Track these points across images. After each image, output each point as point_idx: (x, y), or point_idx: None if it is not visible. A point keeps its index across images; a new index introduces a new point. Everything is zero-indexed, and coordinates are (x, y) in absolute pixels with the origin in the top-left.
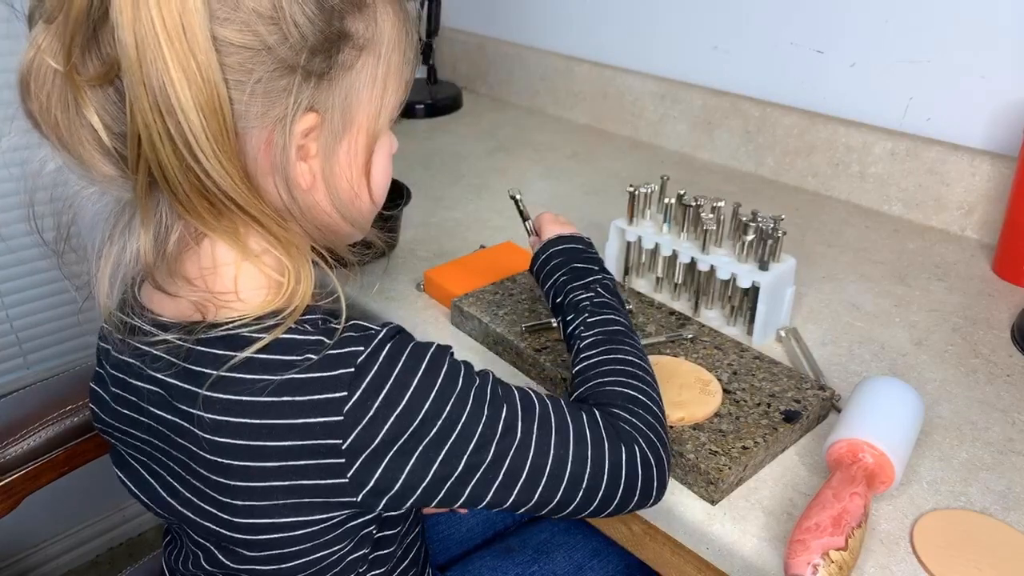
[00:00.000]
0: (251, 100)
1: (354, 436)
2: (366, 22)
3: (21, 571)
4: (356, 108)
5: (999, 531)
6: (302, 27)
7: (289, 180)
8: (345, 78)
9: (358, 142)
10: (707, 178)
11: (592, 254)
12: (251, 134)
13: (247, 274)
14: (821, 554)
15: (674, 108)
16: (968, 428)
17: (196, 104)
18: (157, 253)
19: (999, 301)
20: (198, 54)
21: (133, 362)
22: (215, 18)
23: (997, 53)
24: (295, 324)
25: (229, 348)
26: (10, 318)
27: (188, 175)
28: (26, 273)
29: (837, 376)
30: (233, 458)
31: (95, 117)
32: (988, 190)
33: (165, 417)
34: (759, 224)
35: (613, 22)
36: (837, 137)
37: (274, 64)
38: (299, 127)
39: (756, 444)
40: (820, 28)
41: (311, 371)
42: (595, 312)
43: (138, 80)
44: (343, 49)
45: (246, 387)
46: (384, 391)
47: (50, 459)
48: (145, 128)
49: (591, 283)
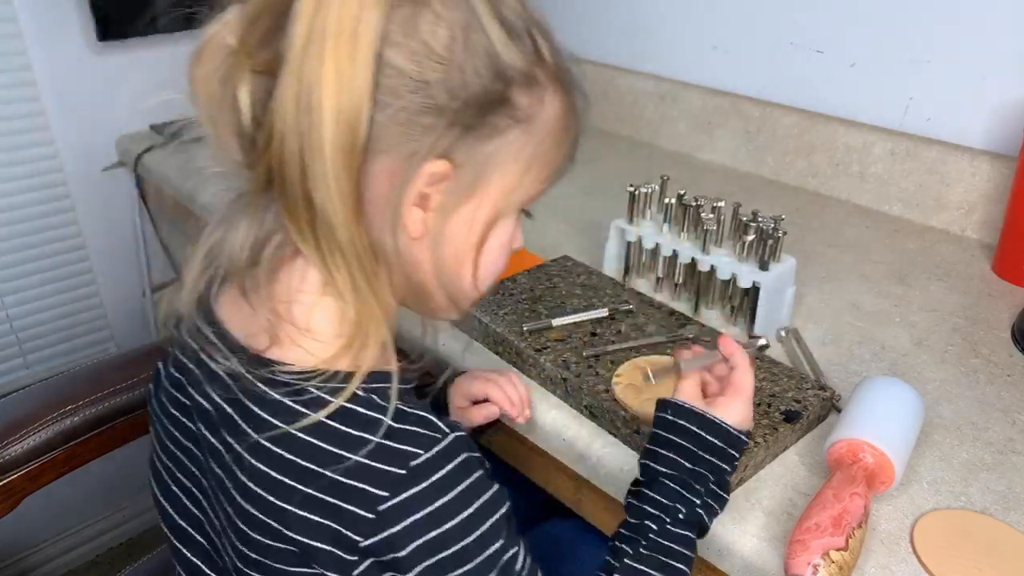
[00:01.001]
0: (390, 124)
1: (376, 540)
2: (531, 99)
3: (21, 571)
4: (491, 177)
5: (999, 531)
6: (468, 77)
7: (397, 220)
8: (491, 142)
9: (480, 213)
10: (707, 178)
11: (721, 464)
12: (378, 159)
13: (323, 310)
14: (821, 554)
15: (674, 108)
16: (968, 428)
17: (335, 109)
18: (252, 254)
19: (999, 301)
20: (357, 63)
21: (193, 369)
22: (387, 39)
23: (997, 53)
24: (361, 391)
25: (296, 402)
26: (10, 318)
27: (302, 180)
28: (26, 273)
29: (837, 376)
30: (260, 510)
31: (245, 100)
32: (988, 190)
33: (208, 438)
34: (759, 224)
35: (613, 22)
36: (837, 137)
37: (426, 100)
38: (427, 169)
39: (756, 444)
40: (820, 28)
41: (364, 456)
42: (653, 545)
43: (293, 73)
44: (499, 113)
45: (297, 447)
46: (425, 511)
47: (50, 459)
48: (280, 121)
49: (680, 502)
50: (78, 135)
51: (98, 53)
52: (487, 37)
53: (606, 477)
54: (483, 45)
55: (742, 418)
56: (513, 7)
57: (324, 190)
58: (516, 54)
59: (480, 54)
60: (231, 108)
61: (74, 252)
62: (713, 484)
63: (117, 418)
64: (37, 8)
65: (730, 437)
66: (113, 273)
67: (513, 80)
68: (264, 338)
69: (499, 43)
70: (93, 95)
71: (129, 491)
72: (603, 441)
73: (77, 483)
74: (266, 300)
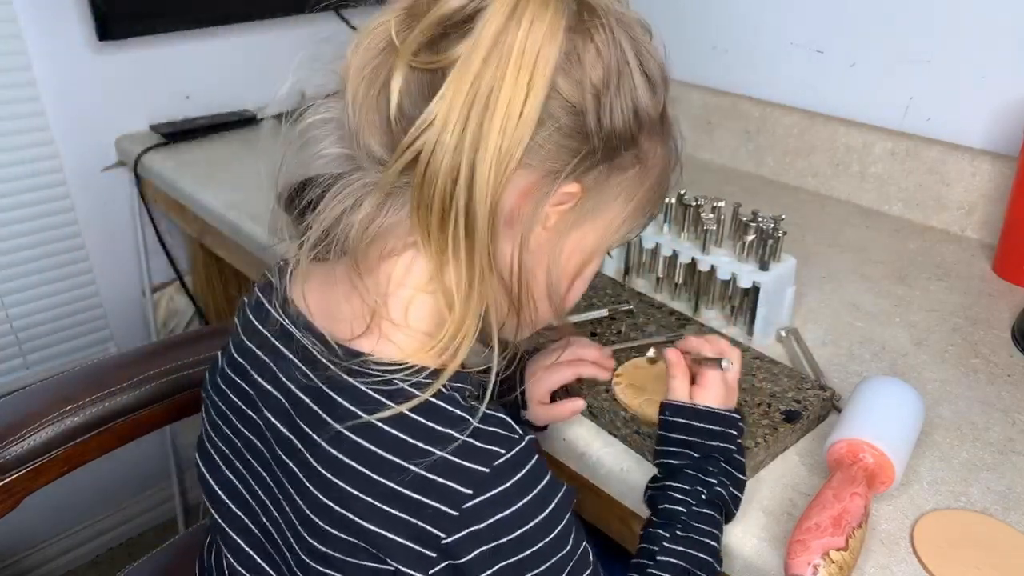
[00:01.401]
0: (545, 142)
1: (458, 537)
2: (651, 145)
3: (21, 571)
4: (605, 209)
5: (999, 531)
6: (614, 112)
7: (527, 232)
8: (616, 176)
9: (585, 242)
10: (707, 178)
11: (725, 445)
12: (523, 172)
13: (420, 306)
14: (821, 554)
15: (674, 108)
16: (968, 428)
17: (507, 116)
18: (367, 237)
19: (999, 301)
20: (536, 80)
21: (260, 354)
22: (559, 65)
23: (997, 53)
24: (447, 390)
25: (383, 394)
26: (10, 318)
27: (451, 173)
28: (26, 273)
29: (837, 376)
30: (335, 501)
31: (396, 93)
32: (988, 190)
33: (279, 428)
34: (759, 224)
35: None
36: (837, 137)
37: (578, 124)
38: (563, 189)
39: (756, 444)
40: (820, 28)
41: (449, 452)
42: (688, 527)
43: (471, 74)
44: (629, 151)
45: (383, 440)
46: (508, 511)
47: (50, 459)
48: (445, 115)
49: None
50: (78, 135)
51: (98, 53)
52: (633, 83)
53: (606, 477)
54: (629, 88)
55: (722, 400)
56: (656, 62)
57: (476, 187)
58: (651, 102)
59: (627, 95)
60: (378, 97)
61: (74, 252)
62: (724, 463)
63: (117, 418)
64: (37, 8)
65: (722, 419)
66: (113, 273)
67: (644, 124)
68: (353, 327)
69: (641, 88)
70: (93, 95)
71: (129, 491)
72: (603, 441)
73: (77, 483)
74: (367, 289)
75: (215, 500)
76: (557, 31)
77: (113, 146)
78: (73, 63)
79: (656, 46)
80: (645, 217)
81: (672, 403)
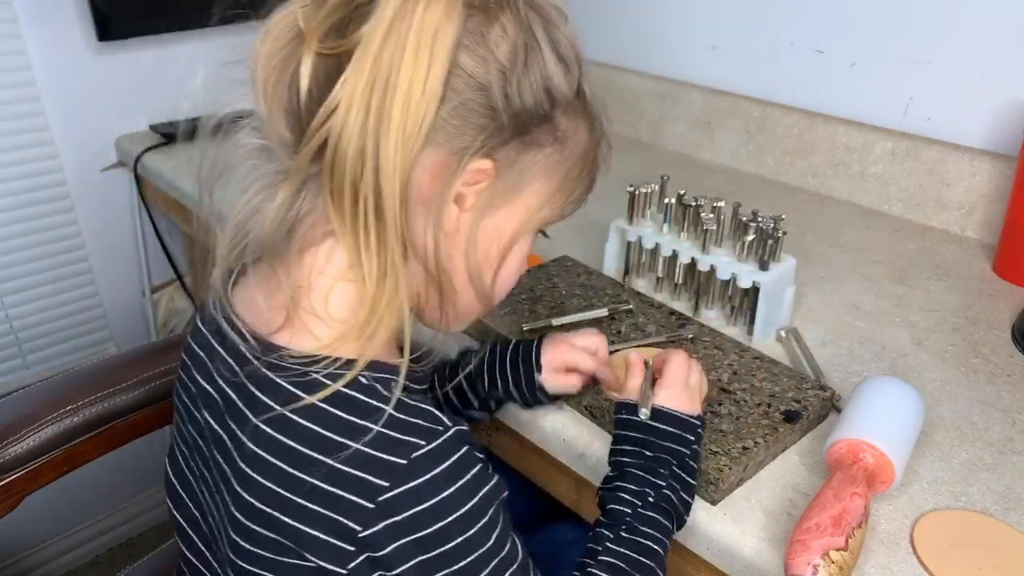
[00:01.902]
0: (448, 119)
1: (375, 530)
2: (568, 123)
3: (21, 571)
4: (525, 188)
5: (999, 531)
6: (522, 88)
7: (439, 213)
8: (531, 152)
9: (508, 224)
10: (707, 178)
11: (678, 448)
12: (431, 150)
13: (340, 295)
14: (821, 554)
15: (674, 108)
16: (968, 428)
17: (409, 94)
18: (283, 227)
19: (999, 301)
20: (436, 57)
21: (202, 356)
22: (460, 43)
23: (997, 53)
24: (366, 380)
25: (297, 386)
26: (10, 318)
27: (359, 156)
28: (26, 273)
29: (837, 376)
30: (255, 497)
31: (305, 80)
32: (988, 190)
33: (213, 426)
34: (759, 224)
35: (613, 22)
36: (837, 137)
37: (484, 101)
38: (473, 166)
39: (756, 444)
40: (820, 28)
41: (364, 444)
42: (632, 528)
43: (370, 56)
44: (543, 128)
45: (297, 432)
46: (428, 503)
47: (50, 459)
48: (348, 98)
49: (649, 486)
50: (78, 135)
51: (98, 53)
52: (543, 59)
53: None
54: (539, 66)
55: (682, 404)
56: (568, 40)
57: (379, 170)
58: (564, 80)
59: (535, 72)
60: (288, 86)
61: (74, 252)
62: (676, 467)
63: (117, 418)
64: (37, 8)
65: (680, 422)
66: (113, 273)
67: (558, 101)
68: (273, 321)
69: (552, 66)
70: (93, 95)
71: (129, 491)
72: (603, 441)
73: (77, 483)
74: (287, 279)
75: (176, 500)
76: (454, 9)
77: (113, 146)
78: (73, 63)
79: (572, 30)
80: (572, 199)
81: (628, 402)
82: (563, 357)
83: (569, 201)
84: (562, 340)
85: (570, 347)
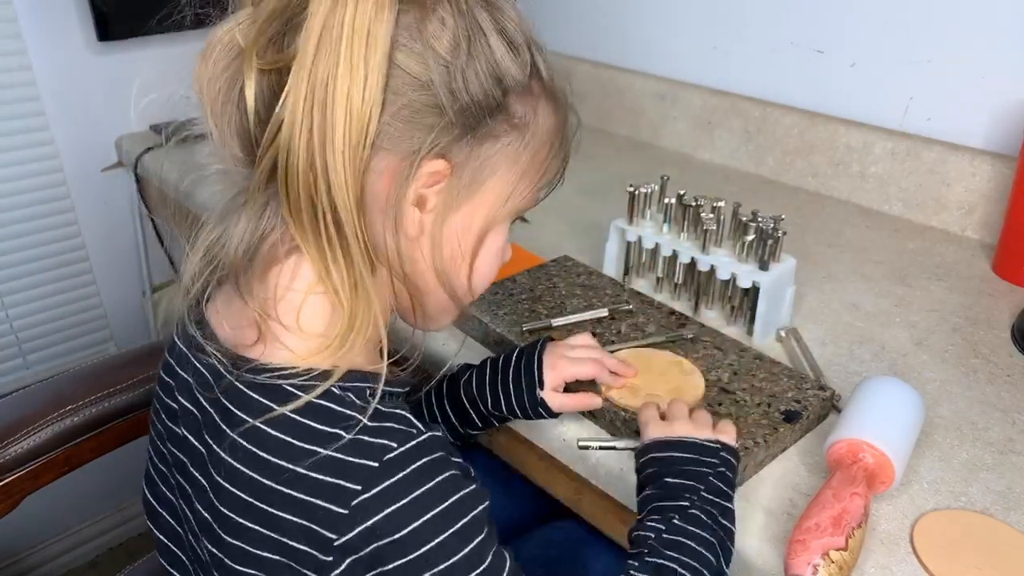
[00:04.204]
0: (393, 122)
1: (350, 537)
2: (526, 108)
3: (21, 571)
4: (487, 181)
5: (999, 531)
6: (468, 80)
7: (399, 219)
8: (488, 145)
9: (474, 219)
10: (707, 178)
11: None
12: (381, 156)
13: (311, 309)
14: (821, 554)
15: (674, 108)
16: (968, 428)
17: (348, 104)
18: (249, 250)
19: (999, 301)
20: (370, 61)
21: (181, 373)
22: (396, 41)
23: (997, 53)
24: (338, 390)
25: (270, 398)
26: (10, 318)
27: (309, 172)
28: (26, 273)
29: (837, 376)
30: (234, 511)
31: (251, 97)
32: (988, 190)
33: (192, 442)
34: (759, 224)
35: (613, 22)
36: (837, 137)
37: (428, 99)
38: (427, 168)
39: (756, 444)
40: (820, 28)
41: (336, 451)
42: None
43: (306, 69)
44: (496, 118)
45: (270, 444)
46: (397, 505)
47: (50, 459)
48: (291, 115)
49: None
50: (78, 135)
51: (98, 53)
52: (488, 46)
53: (606, 477)
54: (485, 53)
55: (694, 432)
56: (514, 23)
57: (331, 184)
58: (514, 65)
59: (481, 61)
60: (236, 106)
61: (74, 252)
62: (704, 492)
63: (117, 418)
64: (37, 8)
65: (696, 447)
66: (113, 273)
67: (511, 88)
68: (249, 336)
69: (499, 53)
70: (93, 95)
71: (129, 491)
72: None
73: (77, 483)
74: (256, 297)
75: (153, 515)
76: (384, 8)
77: (113, 146)
78: (73, 63)
79: (518, 11)
80: (543, 182)
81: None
82: (563, 376)
83: (541, 185)
84: (559, 357)
85: (568, 362)
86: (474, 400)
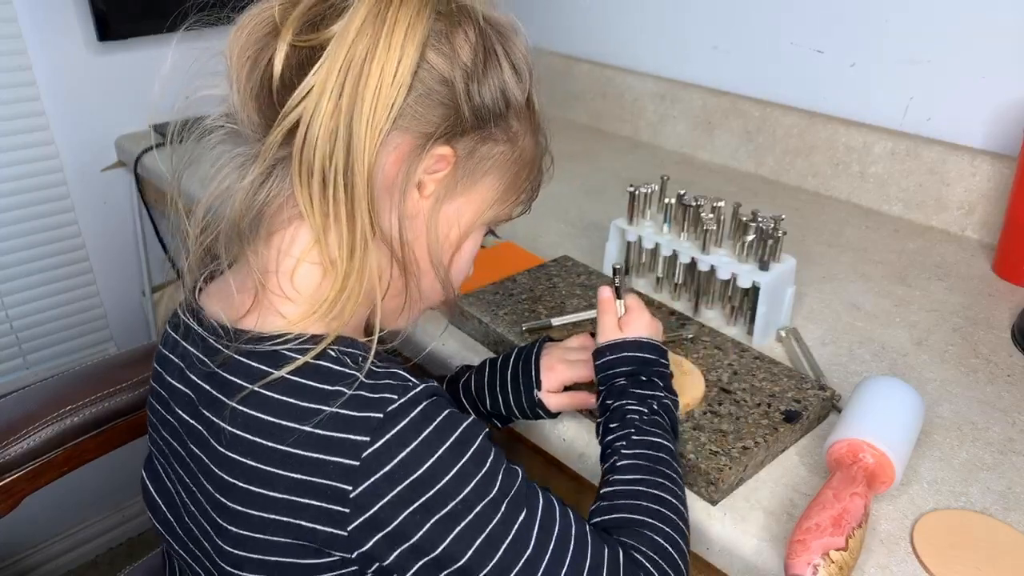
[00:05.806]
0: (414, 104)
1: (365, 487)
2: (521, 128)
3: (21, 571)
4: (479, 182)
5: (999, 531)
6: (482, 88)
7: (403, 195)
8: (487, 146)
9: (463, 214)
10: (707, 178)
11: (662, 368)
12: (398, 135)
13: (305, 275)
14: (821, 554)
15: (674, 108)
16: (968, 428)
17: (380, 79)
18: (252, 211)
19: (999, 301)
20: (407, 48)
21: (174, 360)
22: (428, 41)
23: (997, 53)
24: (335, 352)
25: (267, 364)
26: (10, 318)
27: (329, 136)
28: (26, 273)
29: (837, 376)
30: (239, 478)
31: (279, 66)
32: (988, 190)
33: (188, 421)
34: (759, 224)
35: (613, 22)
36: (837, 137)
37: (448, 93)
38: (435, 151)
39: (756, 444)
40: (820, 28)
41: (340, 407)
42: (642, 431)
43: (345, 44)
44: (499, 126)
45: (272, 406)
46: (408, 448)
47: (50, 459)
48: (323, 83)
49: (649, 398)
50: (78, 135)
51: (98, 53)
52: (499, 66)
53: None
54: (497, 72)
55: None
56: (521, 54)
57: (354, 147)
58: (517, 88)
59: (494, 78)
60: (260, 74)
61: (74, 252)
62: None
63: (117, 418)
64: (37, 8)
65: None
66: (113, 273)
67: (512, 106)
68: (241, 305)
69: (507, 73)
70: (93, 95)
71: (129, 491)
72: None
73: (77, 483)
74: (256, 262)
75: (154, 508)
76: (424, 11)
77: (113, 146)
78: (73, 63)
79: (525, 43)
80: (520, 200)
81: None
82: (560, 379)
83: (517, 202)
84: (557, 360)
85: (566, 365)
86: (473, 401)
